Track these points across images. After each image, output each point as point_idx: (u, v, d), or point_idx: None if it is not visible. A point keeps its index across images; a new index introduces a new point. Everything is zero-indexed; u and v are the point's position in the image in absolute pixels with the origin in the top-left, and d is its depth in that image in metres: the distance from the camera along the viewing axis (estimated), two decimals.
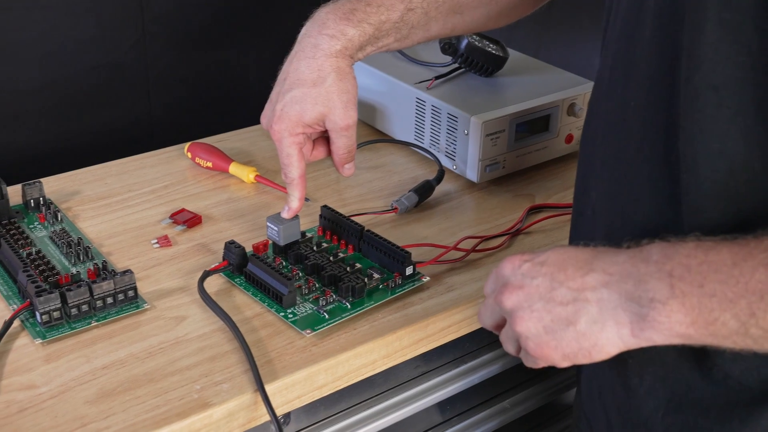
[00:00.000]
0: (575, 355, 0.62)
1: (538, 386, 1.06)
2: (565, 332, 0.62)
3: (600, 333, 0.60)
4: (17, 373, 0.77)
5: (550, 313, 0.62)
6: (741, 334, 0.57)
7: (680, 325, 0.58)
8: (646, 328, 0.59)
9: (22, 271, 0.84)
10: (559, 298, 0.62)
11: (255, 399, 0.76)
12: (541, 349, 0.63)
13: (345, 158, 0.90)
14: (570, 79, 1.15)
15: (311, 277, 0.89)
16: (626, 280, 0.60)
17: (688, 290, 0.57)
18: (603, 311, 0.60)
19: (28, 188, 0.99)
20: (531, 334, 0.64)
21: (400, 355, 0.85)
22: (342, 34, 0.85)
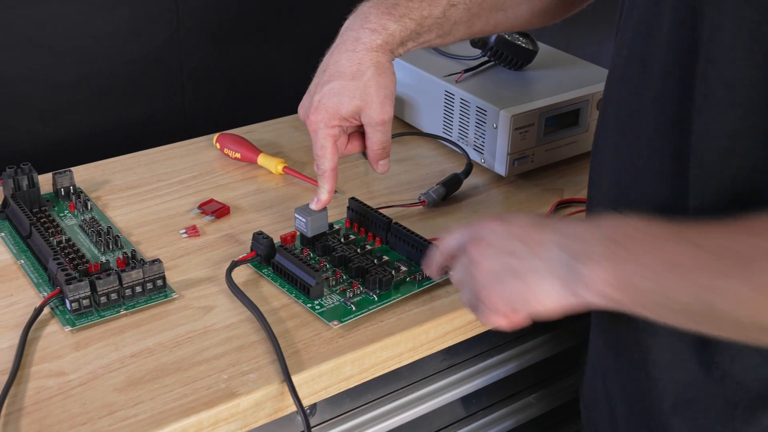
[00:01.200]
0: (517, 303, 0.66)
1: (566, 380, 1.05)
2: (511, 281, 0.66)
3: (540, 285, 0.64)
4: (47, 359, 0.77)
5: (504, 264, 0.66)
6: (653, 302, 0.60)
7: (605, 284, 0.61)
8: (577, 284, 0.62)
9: (53, 259, 0.84)
10: (514, 251, 0.66)
11: (281, 389, 0.76)
12: (489, 296, 0.67)
13: (379, 154, 0.90)
14: (600, 74, 1.14)
15: (338, 269, 0.89)
16: (575, 241, 0.63)
17: (620, 254, 0.60)
18: (547, 265, 0.64)
19: (58, 177, 1.00)
20: (484, 281, 0.68)
21: (426, 348, 0.85)
22: (383, 28, 0.84)
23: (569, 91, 1.09)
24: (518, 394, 1.03)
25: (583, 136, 1.11)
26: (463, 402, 0.97)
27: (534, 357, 0.99)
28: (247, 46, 1.31)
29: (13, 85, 1.15)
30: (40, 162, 1.04)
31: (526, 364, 0.99)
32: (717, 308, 0.57)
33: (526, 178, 1.09)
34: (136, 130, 1.25)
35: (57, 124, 1.20)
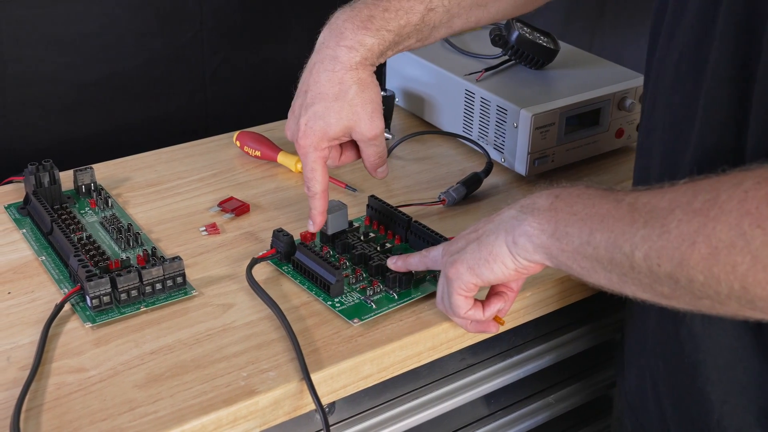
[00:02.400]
0: (477, 265, 0.71)
1: (586, 381, 1.05)
2: (470, 247, 0.72)
3: (494, 242, 0.69)
4: (67, 356, 0.77)
5: (465, 239, 0.73)
6: (582, 254, 0.63)
7: (543, 233, 0.66)
8: (521, 234, 0.67)
9: (74, 256, 0.84)
10: (477, 227, 0.73)
11: (301, 387, 0.76)
12: (452, 266, 0.73)
13: (376, 164, 0.89)
14: (622, 73, 1.14)
15: (358, 267, 0.89)
16: (528, 200, 0.68)
17: (558, 205, 0.65)
18: (500, 224, 0.70)
19: (79, 174, 1.00)
20: (451, 253, 0.74)
21: (445, 347, 0.85)
22: (361, 44, 0.82)
23: (590, 90, 1.08)
24: (538, 394, 1.02)
25: (604, 136, 1.11)
26: (483, 401, 0.97)
27: (555, 357, 0.99)
28: (268, 45, 1.31)
29: (37, 83, 1.15)
30: (62, 159, 1.04)
31: (545, 364, 0.98)
32: (636, 259, 0.59)
33: (547, 177, 1.08)
34: (158, 128, 1.26)
35: (79, 121, 1.20)
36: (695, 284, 0.57)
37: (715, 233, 0.55)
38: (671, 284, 0.59)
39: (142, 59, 1.21)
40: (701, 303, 0.58)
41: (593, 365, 1.06)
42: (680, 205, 0.58)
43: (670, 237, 0.57)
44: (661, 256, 0.58)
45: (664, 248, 0.58)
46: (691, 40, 0.69)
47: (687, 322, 0.71)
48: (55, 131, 1.19)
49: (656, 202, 0.60)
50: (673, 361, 0.74)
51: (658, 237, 0.58)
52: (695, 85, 0.68)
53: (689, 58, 0.69)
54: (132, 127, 1.24)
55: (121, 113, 1.23)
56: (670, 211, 0.58)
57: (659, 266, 0.58)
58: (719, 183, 0.57)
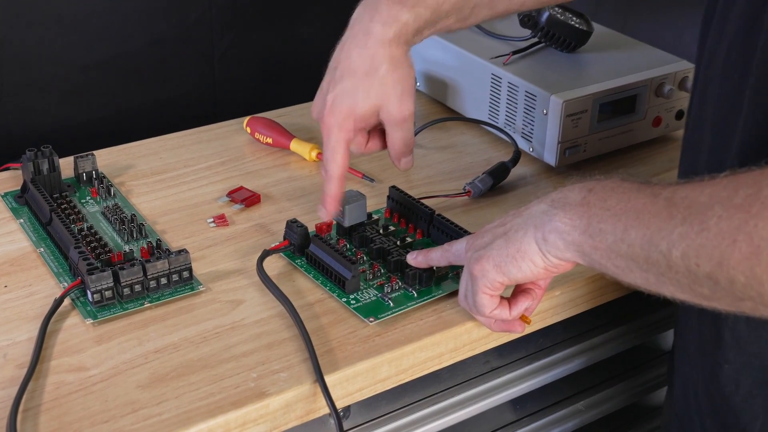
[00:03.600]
0: (504, 263, 0.71)
1: (619, 387, 1.04)
2: (497, 243, 0.72)
3: (522, 238, 0.69)
4: (67, 353, 0.78)
5: (492, 235, 0.73)
6: (616, 252, 0.63)
7: (574, 230, 0.65)
8: (551, 230, 0.67)
9: (74, 248, 0.85)
10: (504, 221, 0.73)
11: (314, 390, 0.76)
12: (478, 262, 0.73)
13: (402, 152, 0.87)
14: (660, 57, 1.13)
15: (376, 262, 0.88)
16: (558, 193, 0.68)
17: (593, 201, 0.65)
18: (528, 219, 0.69)
19: (80, 161, 1.01)
20: (476, 248, 0.74)
21: (468, 348, 0.84)
22: (395, 19, 0.82)
23: (626, 75, 1.08)
24: (566, 400, 1.02)
25: (640, 125, 1.10)
26: (507, 407, 0.97)
27: (584, 361, 0.98)
28: (281, 26, 1.31)
29: (36, 64, 1.16)
30: (62, 145, 1.04)
31: (575, 368, 0.98)
32: (673, 258, 0.59)
33: (578, 168, 1.08)
34: (163, 113, 1.26)
35: (80, 105, 1.21)
36: (736, 285, 0.56)
37: (757, 231, 0.54)
38: (711, 285, 0.58)
39: (147, 40, 1.21)
40: (743, 305, 0.58)
41: (627, 370, 1.06)
42: (720, 200, 0.57)
43: (709, 235, 0.57)
44: (700, 255, 0.57)
45: (702, 247, 0.57)
46: (740, 28, 0.68)
47: (730, 325, 0.71)
48: (55, 115, 1.20)
49: (695, 196, 0.59)
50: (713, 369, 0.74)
51: (696, 234, 0.58)
52: (742, 75, 0.67)
53: (738, 46, 0.68)
54: (136, 112, 1.24)
55: (125, 97, 1.23)
56: (709, 206, 0.58)
57: (698, 266, 0.58)
58: (762, 176, 0.56)
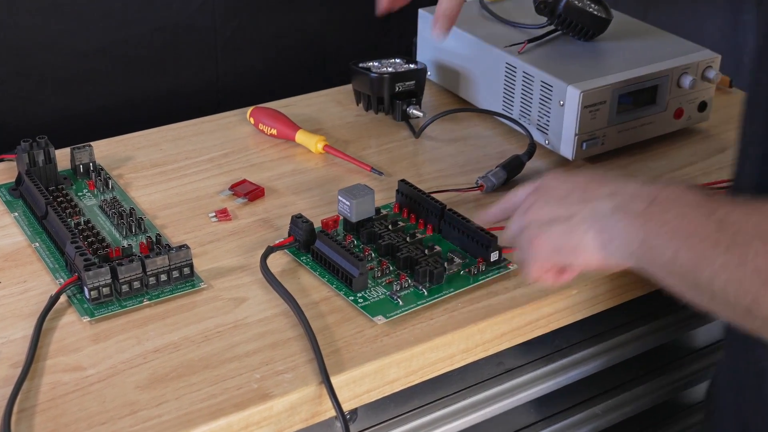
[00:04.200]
0: (563, 251, 0.73)
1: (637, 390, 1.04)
2: (559, 227, 0.73)
3: (584, 234, 0.71)
4: (63, 352, 0.78)
5: (554, 212, 0.74)
6: (667, 269, 0.65)
7: (635, 240, 0.67)
8: (616, 236, 0.69)
9: (70, 243, 0.85)
10: (569, 200, 0.74)
11: (319, 392, 0.75)
12: (536, 238, 0.75)
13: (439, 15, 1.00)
14: (681, 46, 1.13)
15: (385, 259, 0.88)
16: (623, 196, 0.70)
17: (652, 214, 0.66)
18: (594, 217, 0.71)
19: (77, 152, 1.01)
20: (533, 224, 0.75)
21: (481, 349, 0.84)
22: None
23: (646, 65, 1.07)
24: (583, 403, 1.02)
25: (661, 117, 1.10)
26: (521, 411, 0.96)
27: (602, 363, 0.98)
28: (286, 12, 1.31)
29: (32, 52, 1.16)
30: (58, 135, 1.04)
31: (592, 370, 0.98)
32: (715, 288, 0.61)
33: (596, 162, 1.08)
34: (164, 103, 1.26)
35: (77, 95, 1.21)
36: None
37: None
38: (750, 318, 0.60)
39: (148, 26, 1.21)
40: None
41: (647, 372, 1.05)
42: (761, 234, 0.58)
43: (746, 270, 0.58)
44: (738, 289, 0.59)
45: (740, 281, 0.59)
46: None
47: None
48: (51, 105, 1.20)
49: (742, 223, 0.61)
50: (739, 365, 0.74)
51: (735, 268, 0.60)
52: None
53: None
54: (135, 102, 1.24)
55: (124, 86, 1.23)
56: (751, 239, 0.59)
57: (736, 299, 0.60)
58: None
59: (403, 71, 1.12)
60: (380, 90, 1.11)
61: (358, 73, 1.13)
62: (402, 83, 1.12)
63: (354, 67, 1.14)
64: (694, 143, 1.13)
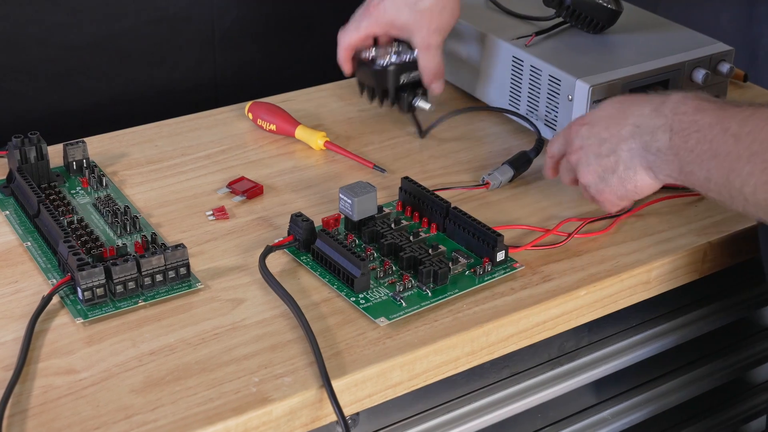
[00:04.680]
0: (626, 195, 0.87)
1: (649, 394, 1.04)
2: (612, 178, 0.87)
3: (635, 176, 0.85)
4: (56, 355, 0.78)
5: (600, 165, 0.87)
6: (705, 188, 0.78)
7: (672, 171, 0.81)
8: (658, 171, 0.83)
9: (63, 242, 0.85)
10: (604, 152, 0.87)
11: (320, 396, 0.75)
12: (600, 194, 0.89)
13: (430, 78, 1.08)
14: (694, 39, 1.12)
15: (387, 259, 0.88)
16: (646, 132, 0.83)
17: (677, 145, 0.80)
18: (632, 159, 0.85)
19: (70, 149, 1.01)
20: (590, 184, 0.89)
21: (486, 352, 0.84)
22: None
23: (658, 58, 1.07)
24: (591, 408, 1.02)
25: None
26: (527, 416, 0.96)
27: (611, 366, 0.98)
28: (287, 2, 1.30)
29: (24, 46, 1.16)
30: (51, 131, 1.04)
31: (601, 374, 0.98)
32: (746, 194, 0.73)
33: None
34: (159, 98, 1.26)
35: (70, 89, 1.21)
36: None
37: None
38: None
39: (143, 19, 1.21)
40: None
41: (660, 376, 1.06)
42: None
43: None
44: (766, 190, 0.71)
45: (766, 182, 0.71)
46: None
47: None
48: (44, 100, 1.20)
49: (756, 132, 0.72)
50: None
51: (761, 172, 0.71)
52: None
53: None
54: (130, 96, 1.24)
55: (118, 80, 1.23)
56: None
57: (766, 199, 0.72)
58: None
59: (408, 61, 1.11)
60: (384, 82, 1.10)
61: (361, 64, 1.12)
62: (407, 74, 1.10)
63: (357, 57, 1.13)
64: None
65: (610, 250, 0.92)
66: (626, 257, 0.91)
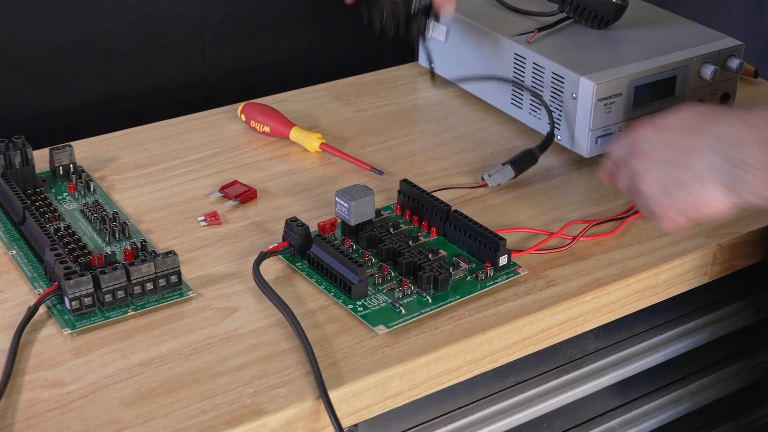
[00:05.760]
0: (687, 211, 0.81)
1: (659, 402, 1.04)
2: (677, 191, 0.80)
3: (705, 191, 0.78)
4: (43, 367, 0.78)
5: (667, 175, 0.81)
6: None
7: (762, 188, 0.75)
8: (740, 189, 0.77)
9: (50, 250, 0.85)
10: (673, 161, 0.80)
11: (317, 407, 0.76)
12: (659, 207, 0.82)
13: None
14: (701, 34, 1.13)
15: (386, 264, 0.89)
16: (729, 143, 0.77)
17: None
18: (707, 172, 0.78)
19: (56, 153, 1.01)
20: (651, 194, 0.82)
21: (489, 360, 0.84)
22: None
23: (665, 54, 1.08)
24: (598, 418, 1.02)
25: None
26: (532, 426, 0.97)
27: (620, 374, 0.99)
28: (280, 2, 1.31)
29: (7, 45, 1.16)
30: (36, 135, 1.05)
31: (608, 382, 0.98)
32: None
33: None
34: (149, 100, 1.26)
35: (56, 91, 1.21)
36: None
37: None
38: None
39: (131, 17, 1.22)
40: None
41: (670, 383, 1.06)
42: None
43: None
44: None
45: None
46: None
47: None
48: (28, 102, 1.20)
49: None
50: None
51: None
52: None
53: None
54: (118, 97, 1.25)
55: (106, 81, 1.24)
56: None
57: None
58: None
59: None
60: (396, 5, 1.06)
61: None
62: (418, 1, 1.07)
63: None
64: None
65: (617, 254, 0.93)
66: (633, 260, 0.92)
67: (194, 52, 1.27)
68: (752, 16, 1.59)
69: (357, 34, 1.14)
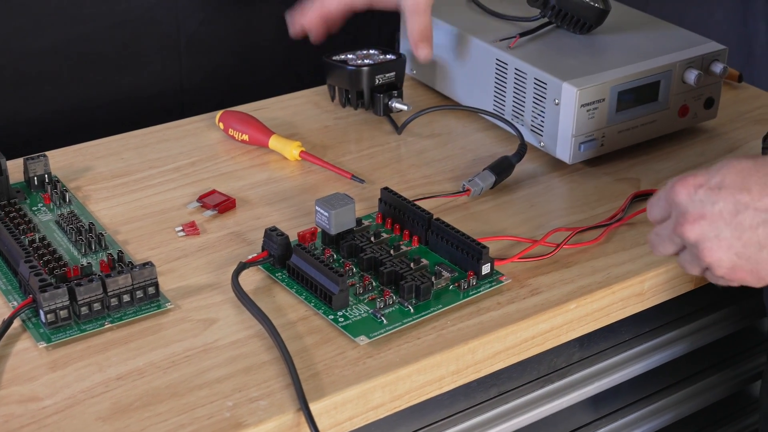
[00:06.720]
0: (760, 277, 0.75)
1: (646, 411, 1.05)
2: (759, 255, 0.74)
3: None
4: (17, 382, 0.78)
5: (740, 240, 0.74)
6: None
7: None
8: None
9: (24, 262, 0.85)
10: (746, 222, 0.73)
11: (297, 420, 0.76)
12: (734, 274, 0.76)
13: (417, 41, 1.09)
14: (685, 38, 1.14)
15: (367, 274, 0.89)
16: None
17: None
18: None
19: (30, 163, 1.01)
20: (723, 263, 0.75)
21: (472, 371, 0.85)
22: None
23: (648, 59, 1.08)
24: (583, 428, 1.02)
25: (663, 114, 1.11)
26: None
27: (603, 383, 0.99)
28: (257, 6, 1.31)
29: None
30: (9, 144, 1.04)
31: (592, 392, 0.98)
32: None
33: (595, 165, 1.08)
34: (123, 106, 1.26)
35: (29, 98, 1.20)
36: None
37: None
38: None
39: (103, 23, 1.21)
40: None
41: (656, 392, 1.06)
42: None
43: None
44: None
45: None
46: None
47: None
48: (1, 111, 1.19)
49: None
50: None
51: None
52: None
53: None
54: (91, 104, 1.24)
55: (79, 87, 1.23)
56: None
57: None
58: None
59: (382, 62, 1.13)
60: (359, 83, 1.12)
61: (333, 66, 1.14)
62: (382, 75, 1.12)
63: (328, 60, 1.14)
64: (701, 143, 1.14)
65: (601, 261, 0.93)
66: (618, 268, 0.92)
67: (169, 59, 1.27)
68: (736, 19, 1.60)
69: (336, 40, 1.14)
